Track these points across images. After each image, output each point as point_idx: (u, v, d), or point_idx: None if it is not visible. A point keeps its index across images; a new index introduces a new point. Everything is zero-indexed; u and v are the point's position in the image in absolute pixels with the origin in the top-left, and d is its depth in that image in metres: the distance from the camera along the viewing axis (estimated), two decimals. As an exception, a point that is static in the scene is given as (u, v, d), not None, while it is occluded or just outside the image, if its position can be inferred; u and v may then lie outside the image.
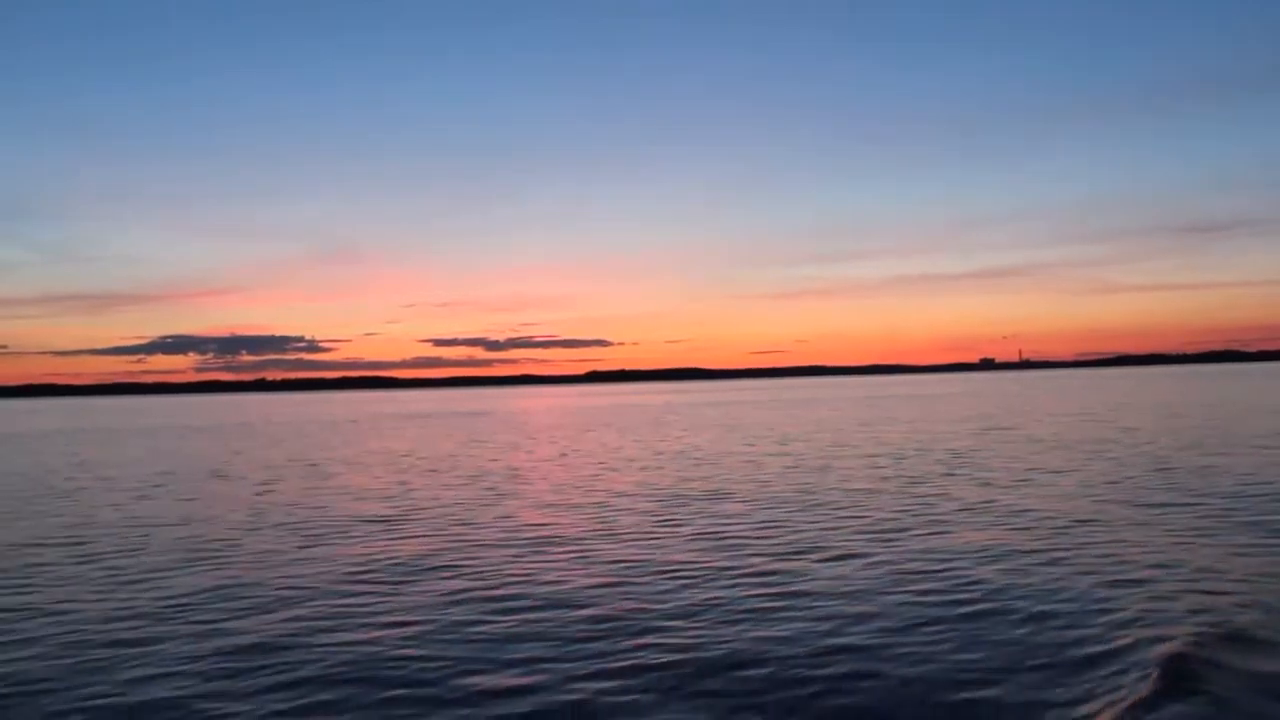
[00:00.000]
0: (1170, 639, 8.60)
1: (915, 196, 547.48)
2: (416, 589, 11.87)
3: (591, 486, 22.61)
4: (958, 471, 23.28)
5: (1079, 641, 8.83)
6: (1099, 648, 8.62)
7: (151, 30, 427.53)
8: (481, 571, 12.80)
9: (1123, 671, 7.93)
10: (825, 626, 9.63)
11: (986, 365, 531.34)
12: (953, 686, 7.80)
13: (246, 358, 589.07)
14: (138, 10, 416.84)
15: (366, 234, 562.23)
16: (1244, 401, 56.15)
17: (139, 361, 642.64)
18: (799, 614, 10.12)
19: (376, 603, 11.17)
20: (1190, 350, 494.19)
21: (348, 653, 9.14)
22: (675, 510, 18.05)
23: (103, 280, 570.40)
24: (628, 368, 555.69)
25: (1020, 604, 10.24)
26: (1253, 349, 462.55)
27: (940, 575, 11.76)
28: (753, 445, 34.18)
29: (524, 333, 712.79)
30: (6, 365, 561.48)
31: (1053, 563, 12.25)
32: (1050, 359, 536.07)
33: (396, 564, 13.52)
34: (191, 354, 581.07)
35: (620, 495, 20.63)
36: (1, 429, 71.71)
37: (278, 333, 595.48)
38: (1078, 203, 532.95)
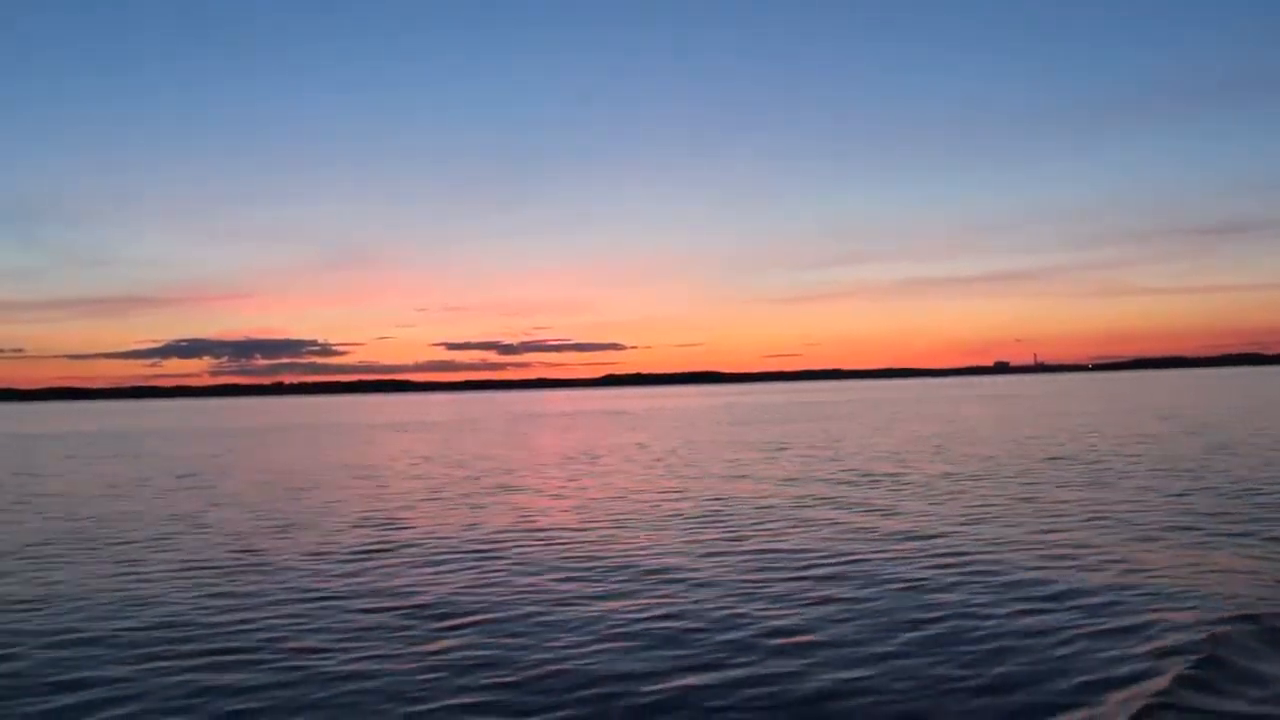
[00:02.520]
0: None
1: (928, 199, 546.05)
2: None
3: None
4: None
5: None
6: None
7: (167, 35, 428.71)
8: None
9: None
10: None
11: (1001, 369, 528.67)
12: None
13: (260, 361, 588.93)
14: (153, 15, 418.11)
15: (379, 238, 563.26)
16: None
17: (154, 365, 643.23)
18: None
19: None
20: (1209, 353, 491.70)
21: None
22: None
23: (117, 284, 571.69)
24: (643, 371, 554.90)
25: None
26: (1272, 351, 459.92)
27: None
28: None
29: (537, 336, 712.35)
30: (22, 369, 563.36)
31: None
32: (1065, 362, 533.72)
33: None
34: (206, 358, 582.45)
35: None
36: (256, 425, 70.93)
37: (291, 336, 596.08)
38: (1092, 205, 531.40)
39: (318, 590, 11.93)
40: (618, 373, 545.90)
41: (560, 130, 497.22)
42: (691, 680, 8.04)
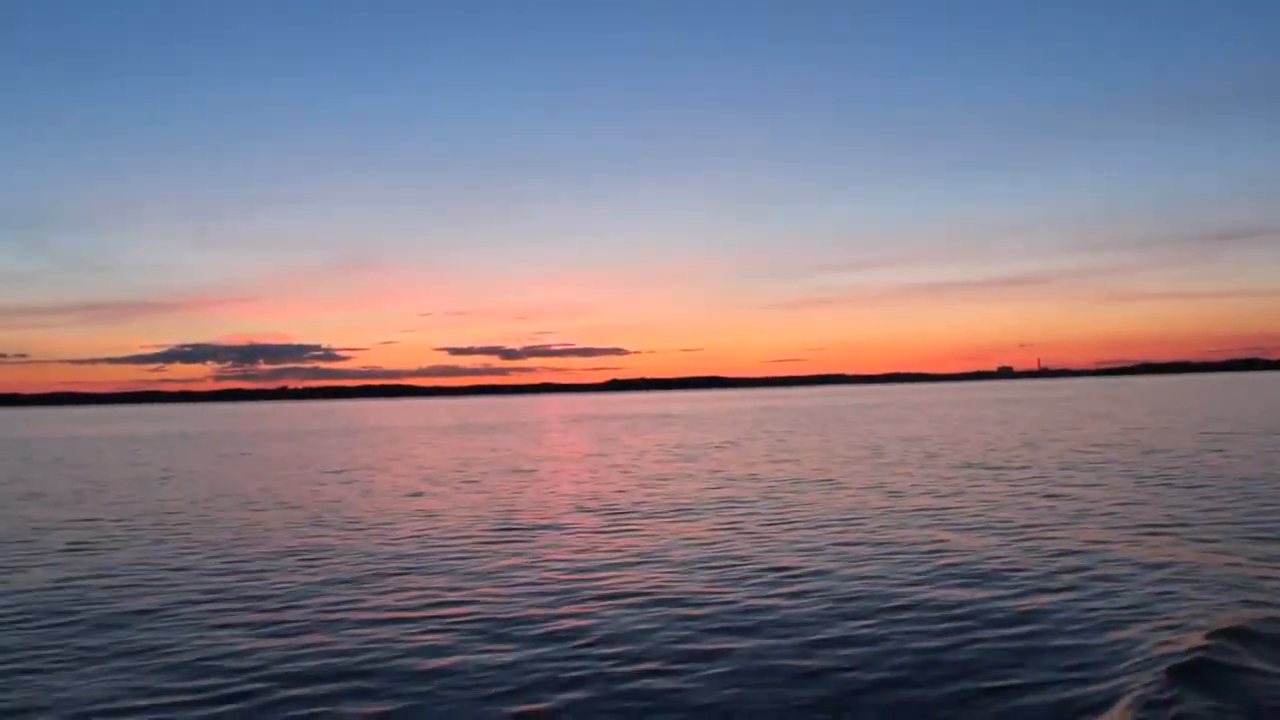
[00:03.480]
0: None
1: (931, 204, 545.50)
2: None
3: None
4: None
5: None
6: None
7: (170, 41, 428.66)
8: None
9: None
10: None
11: (1005, 374, 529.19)
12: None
13: (263, 366, 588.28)
14: (157, 20, 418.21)
15: (382, 243, 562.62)
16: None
17: (157, 370, 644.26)
18: None
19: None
20: (1212, 358, 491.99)
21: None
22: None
23: (120, 289, 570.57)
24: (647, 376, 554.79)
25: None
26: (1275, 356, 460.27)
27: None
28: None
29: (540, 341, 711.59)
30: (26, 373, 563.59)
31: None
32: (1069, 367, 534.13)
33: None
34: (209, 363, 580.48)
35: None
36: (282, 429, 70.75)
37: (294, 341, 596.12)
38: (1096, 210, 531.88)
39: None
40: (621, 378, 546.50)
41: (563, 135, 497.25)
42: None
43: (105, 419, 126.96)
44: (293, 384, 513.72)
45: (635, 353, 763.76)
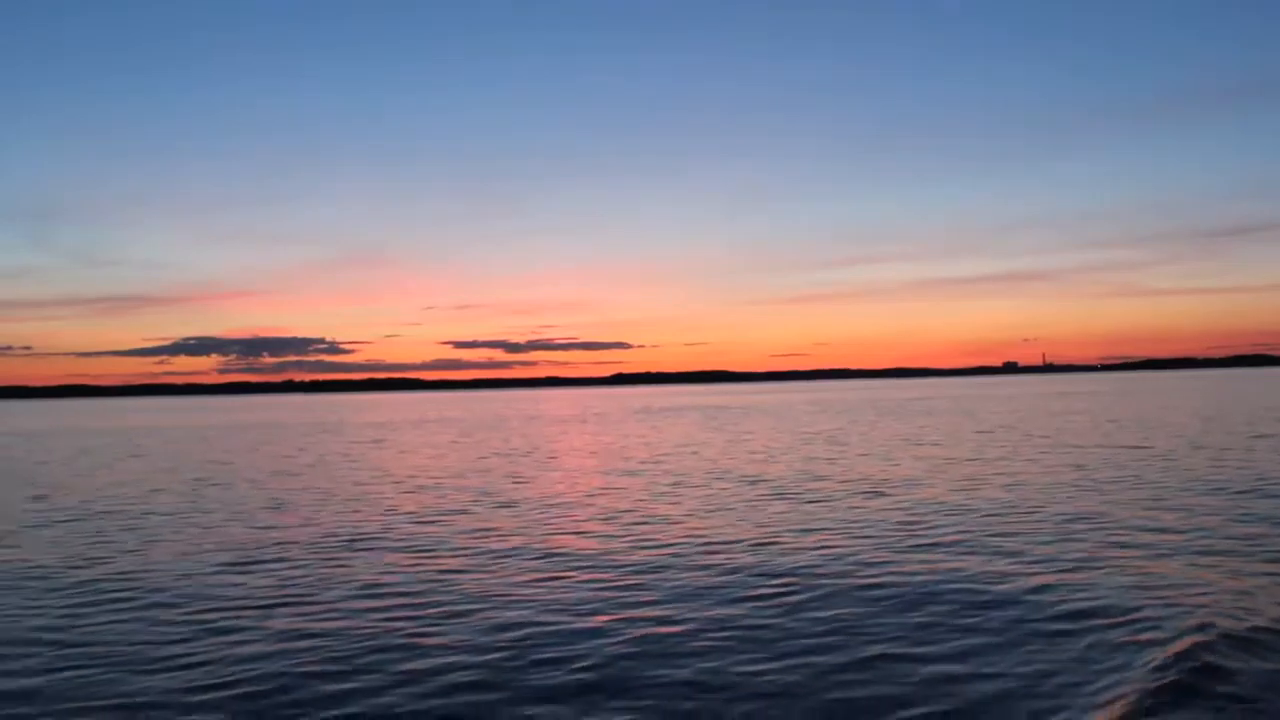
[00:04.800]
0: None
1: (937, 201, 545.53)
2: None
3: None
4: None
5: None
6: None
7: (175, 37, 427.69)
8: None
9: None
10: None
11: (1010, 369, 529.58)
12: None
13: (268, 359, 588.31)
14: (162, 17, 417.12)
15: (386, 237, 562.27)
16: None
17: (162, 363, 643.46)
18: None
19: None
20: (1216, 354, 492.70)
21: None
22: None
23: (126, 283, 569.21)
24: (652, 370, 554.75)
25: None
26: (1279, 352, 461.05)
27: None
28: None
29: (544, 335, 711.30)
30: (32, 366, 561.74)
31: None
32: (1074, 363, 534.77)
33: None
34: (214, 355, 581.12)
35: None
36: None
37: (299, 335, 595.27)
38: (1100, 207, 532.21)
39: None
40: (626, 371, 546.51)
41: (568, 130, 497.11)
42: None
43: (168, 410, 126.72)
44: (298, 377, 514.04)
45: (639, 347, 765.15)
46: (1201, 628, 8.69)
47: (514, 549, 13.86)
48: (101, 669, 8.35)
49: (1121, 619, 9.23)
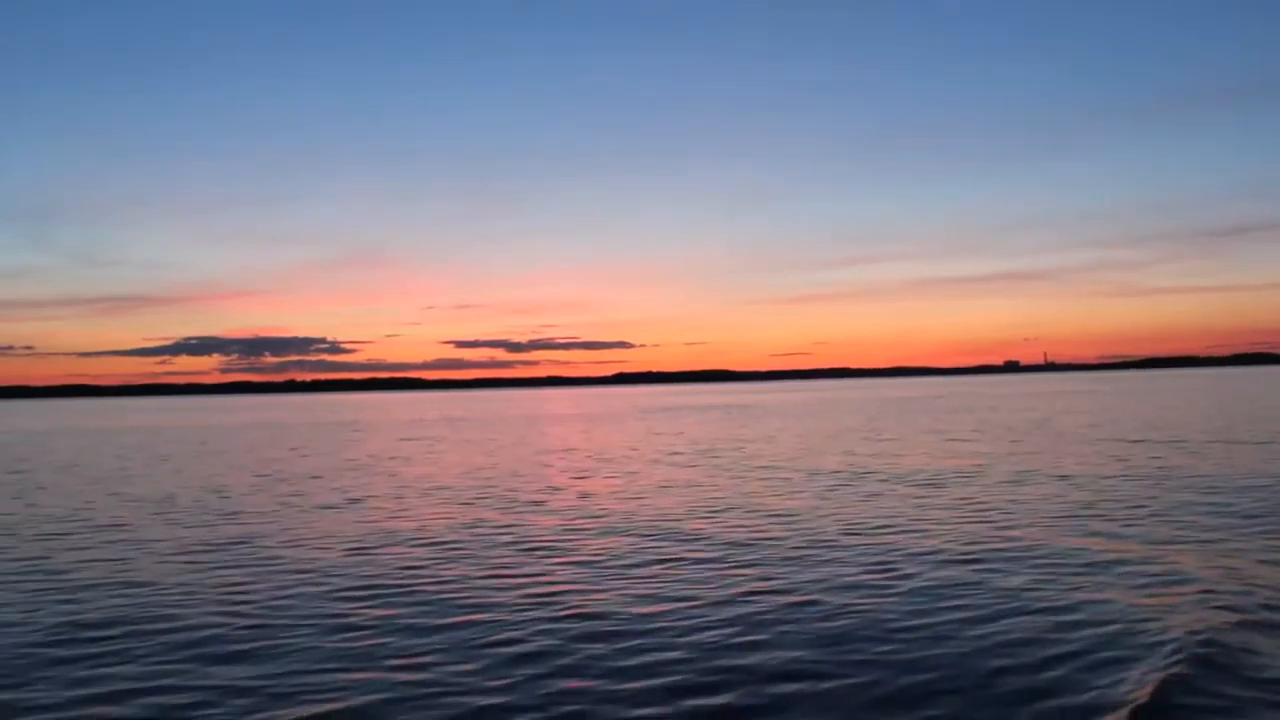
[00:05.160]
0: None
1: (937, 201, 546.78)
2: None
3: None
4: None
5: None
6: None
7: (176, 37, 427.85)
8: None
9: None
10: None
11: (1011, 368, 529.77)
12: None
13: (270, 359, 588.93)
14: (162, 17, 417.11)
15: (387, 237, 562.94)
16: None
17: (163, 363, 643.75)
18: None
19: None
20: (1217, 353, 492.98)
21: None
22: None
23: (127, 283, 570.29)
24: (653, 369, 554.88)
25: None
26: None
27: None
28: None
29: (545, 335, 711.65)
30: (33, 366, 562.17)
31: None
32: (1075, 362, 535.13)
33: None
34: (215, 355, 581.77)
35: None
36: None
37: (300, 334, 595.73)
38: (1100, 207, 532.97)
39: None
40: (627, 371, 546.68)
41: (568, 130, 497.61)
42: None
43: (184, 410, 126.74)
44: (299, 376, 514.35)
45: (640, 346, 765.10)
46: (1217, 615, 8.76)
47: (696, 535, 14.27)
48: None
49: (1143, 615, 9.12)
